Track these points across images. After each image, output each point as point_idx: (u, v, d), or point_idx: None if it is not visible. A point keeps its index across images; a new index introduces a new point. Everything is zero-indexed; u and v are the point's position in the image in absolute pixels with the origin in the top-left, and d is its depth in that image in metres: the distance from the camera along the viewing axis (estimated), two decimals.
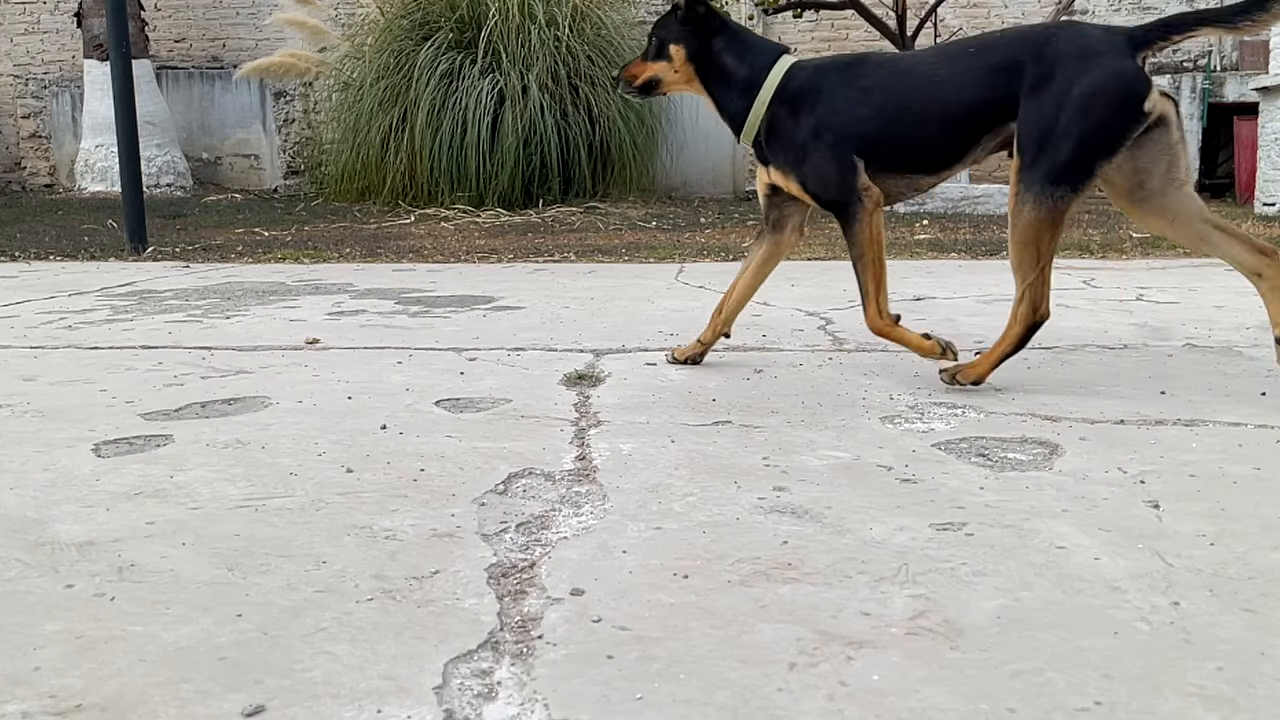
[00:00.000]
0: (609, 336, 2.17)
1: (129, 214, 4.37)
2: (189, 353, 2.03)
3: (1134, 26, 1.55)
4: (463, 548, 0.98)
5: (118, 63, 4.14)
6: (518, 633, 0.80)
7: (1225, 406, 1.50)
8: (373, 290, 3.05)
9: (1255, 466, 1.21)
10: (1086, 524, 1.02)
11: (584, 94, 7.30)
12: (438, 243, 4.81)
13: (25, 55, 9.50)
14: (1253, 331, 2.13)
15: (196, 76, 9.23)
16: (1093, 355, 1.91)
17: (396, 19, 7.55)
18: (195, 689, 0.72)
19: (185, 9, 9.38)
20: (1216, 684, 0.71)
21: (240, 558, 0.96)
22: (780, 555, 0.95)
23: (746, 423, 1.44)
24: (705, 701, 0.70)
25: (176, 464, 1.26)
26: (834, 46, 8.87)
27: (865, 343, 2.05)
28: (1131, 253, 4.00)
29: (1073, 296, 2.71)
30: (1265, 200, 6.08)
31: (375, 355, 1.99)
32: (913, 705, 0.69)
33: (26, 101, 9.39)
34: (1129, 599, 0.85)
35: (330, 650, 0.77)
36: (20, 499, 1.14)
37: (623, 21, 7.87)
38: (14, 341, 2.17)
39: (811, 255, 4.04)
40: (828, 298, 2.73)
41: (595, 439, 1.36)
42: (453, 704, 0.70)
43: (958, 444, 1.32)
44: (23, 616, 0.84)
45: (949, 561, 0.93)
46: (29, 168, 9.48)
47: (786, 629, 0.80)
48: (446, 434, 1.39)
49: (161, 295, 2.94)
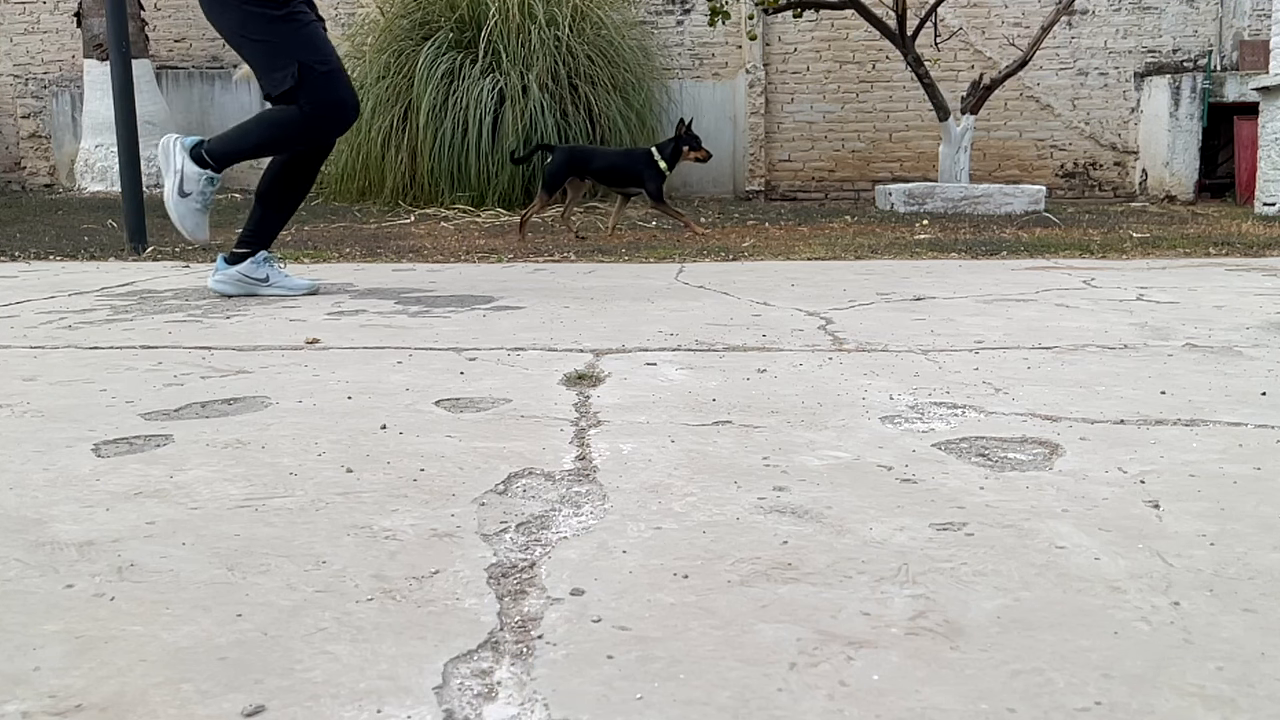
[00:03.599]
0: (609, 336, 2.17)
1: (129, 214, 4.38)
2: (189, 352, 2.03)
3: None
4: (463, 548, 0.98)
5: (118, 63, 4.14)
6: (518, 633, 0.80)
7: (1225, 406, 1.50)
8: (373, 290, 3.05)
9: (1255, 466, 1.21)
10: (1086, 524, 1.02)
11: (584, 94, 7.31)
12: (438, 243, 4.81)
13: (25, 55, 9.50)
14: (1253, 331, 2.13)
15: (196, 76, 9.23)
16: (1093, 355, 1.91)
17: (396, 19, 7.56)
18: (195, 689, 0.72)
19: (185, 9, 9.37)
20: (1216, 684, 0.71)
21: (240, 558, 0.96)
22: (780, 555, 0.95)
23: (746, 423, 1.44)
24: (705, 701, 0.70)
25: (176, 464, 1.26)
26: (834, 46, 8.87)
27: (865, 343, 2.05)
28: (1131, 253, 4.00)
29: (1073, 297, 2.71)
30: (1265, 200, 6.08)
31: (375, 355, 1.99)
32: (913, 705, 0.69)
33: (26, 101, 9.39)
34: (1129, 599, 0.85)
35: (330, 650, 0.77)
36: (20, 499, 1.14)
37: (623, 21, 7.88)
38: (14, 341, 2.17)
39: (811, 255, 4.04)
40: (828, 298, 2.73)
41: (595, 439, 1.36)
42: (453, 704, 0.70)
43: (958, 444, 1.32)
44: (23, 616, 0.84)
45: (949, 561, 0.93)
46: (29, 168, 9.48)
47: (786, 629, 0.80)
48: (446, 434, 1.39)
49: (161, 295, 2.94)
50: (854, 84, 8.93)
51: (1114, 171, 8.90)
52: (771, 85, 8.91)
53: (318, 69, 2.75)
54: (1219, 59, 8.64)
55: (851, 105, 8.93)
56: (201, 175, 2.79)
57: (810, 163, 9.02)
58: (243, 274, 2.90)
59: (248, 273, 2.90)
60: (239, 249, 2.93)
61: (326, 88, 2.76)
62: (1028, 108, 8.77)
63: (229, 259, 2.92)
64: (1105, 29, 8.68)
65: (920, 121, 8.67)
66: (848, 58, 8.89)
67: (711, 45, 8.95)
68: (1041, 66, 8.49)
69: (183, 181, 2.79)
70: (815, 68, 8.94)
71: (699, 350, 2.00)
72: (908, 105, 8.78)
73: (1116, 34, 8.74)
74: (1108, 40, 8.70)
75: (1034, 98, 8.74)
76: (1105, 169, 8.89)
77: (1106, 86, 8.77)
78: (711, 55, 8.99)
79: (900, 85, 8.70)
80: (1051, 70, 8.70)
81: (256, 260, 2.91)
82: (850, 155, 8.89)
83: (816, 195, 8.98)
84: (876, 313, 2.47)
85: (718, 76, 8.97)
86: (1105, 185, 8.89)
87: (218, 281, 2.90)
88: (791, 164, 9.02)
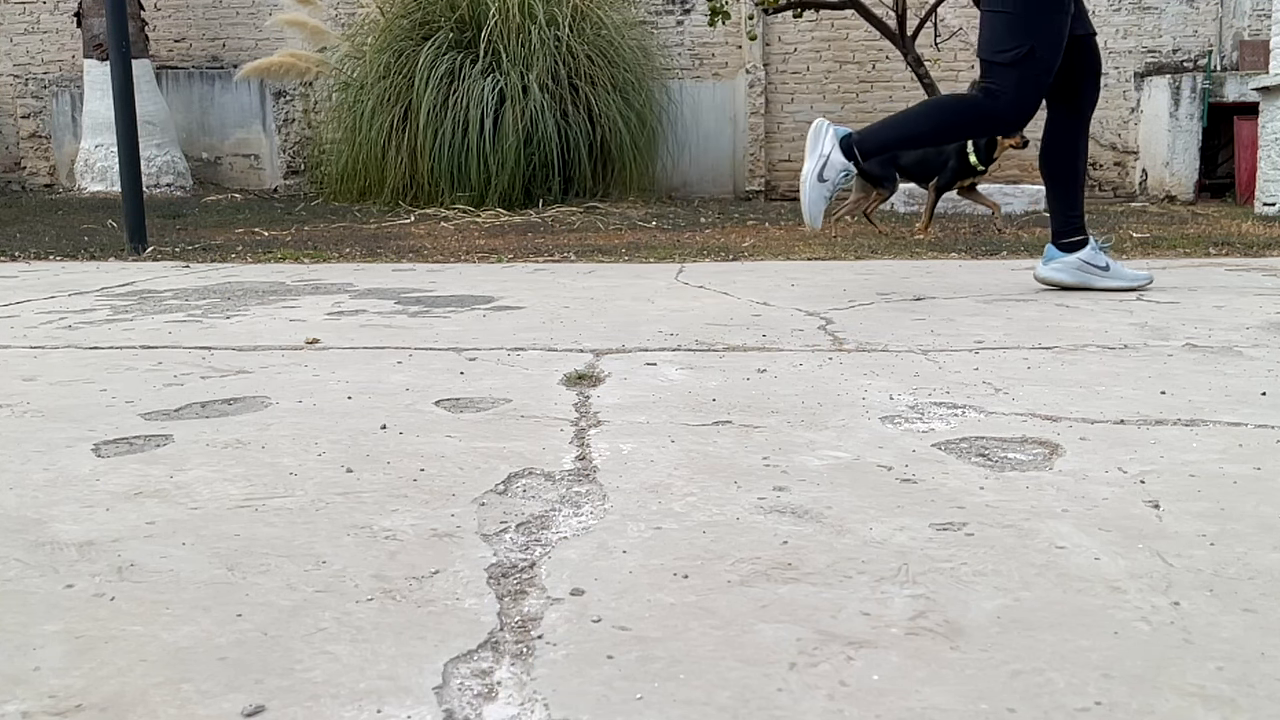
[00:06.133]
0: (609, 336, 2.17)
1: (129, 214, 4.37)
2: (189, 353, 2.03)
3: None
4: (463, 548, 0.98)
5: (117, 63, 4.14)
6: (518, 633, 0.80)
7: (1225, 406, 1.50)
8: (373, 290, 3.05)
9: (1255, 466, 1.21)
10: (1086, 524, 1.02)
11: (584, 94, 7.31)
12: (438, 243, 4.81)
13: (25, 55, 9.50)
14: (1253, 331, 2.13)
15: (196, 76, 9.23)
16: (1093, 355, 1.91)
17: (396, 19, 7.56)
18: (195, 689, 0.72)
19: (185, 9, 9.38)
20: (1216, 684, 0.71)
21: (240, 558, 0.96)
22: (780, 555, 0.95)
23: (746, 423, 1.44)
24: (705, 702, 0.70)
25: (176, 464, 1.26)
26: (834, 46, 8.88)
27: (865, 343, 2.05)
28: (1132, 253, 4.00)
29: (1073, 297, 2.71)
30: (1265, 200, 6.08)
31: (375, 355, 1.99)
32: (913, 705, 0.69)
33: (26, 101, 9.39)
34: (1129, 599, 0.85)
35: (330, 650, 0.77)
36: (20, 499, 1.14)
37: (623, 21, 7.88)
38: (14, 341, 2.17)
39: (812, 255, 4.05)
40: (828, 298, 2.73)
41: (595, 439, 1.36)
42: (453, 704, 0.70)
43: (958, 444, 1.32)
44: (23, 616, 0.84)
45: (949, 561, 0.93)
46: (29, 168, 9.48)
47: (786, 629, 0.80)
48: (446, 434, 1.39)
49: (161, 295, 2.94)
50: (854, 84, 8.93)
51: (1114, 171, 8.90)
52: (771, 85, 8.91)
53: (1047, 62, 2.62)
54: (1219, 59, 8.64)
55: (852, 105, 8.93)
56: (845, 166, 2.73)
57: None
58: (1084, 260, 2.80)
59: (1088, 259, 2.80)
60: (1066, 239, 2.83)
61: (1038, 82, 2.64)
62: None
63: (1062, 247, 2.82)
64: (1105, 29, 8.68)
65: None
66: (848, 58, 8.89)
67: (711, 45, 8.95)
68: None
69: (825, 167, 2.72)
70: (815, 68, 8.94)
71: (699, 350, 2.00)
72: (908, 105, 8.75)
73: (1116, 34, 8.74)
74: (1108, 40, 8.70)
75: None
76: (1105, 169, 8.89)
77: (1106, 86, 8.75)
78: (711, 55, 9.00)
79: (900, 85, 8.70)
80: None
81: (1094, 246, 2.82)
82: None
83: None
84: (876, 313, 2.47)
85: (718, 76, 8.97)
86: (1105, 185, 8.89)
87: (1053, 270, 2.82)
88: (791, 164, 9.02)
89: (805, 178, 2.75)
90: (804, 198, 2.76)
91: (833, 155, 2.72)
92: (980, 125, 2.87)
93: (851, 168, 2.74)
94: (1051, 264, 2.84)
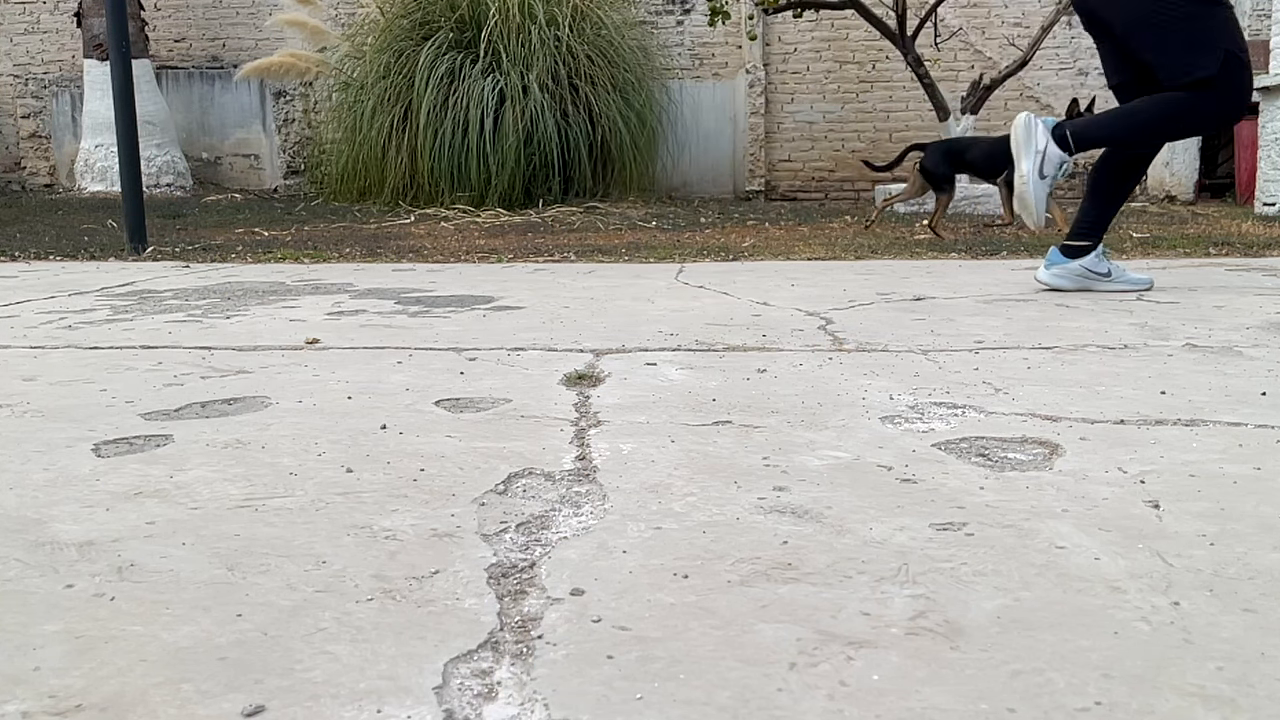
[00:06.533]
0: (609, 336, 2.17)
1: (129, 214, 4.37)
2: (189, 353, 2.03)
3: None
4: (463, 548, 0.98)
5: (117, 63, 4.14)
6: (518, 633, 0.80)
7: (1225, 406, 1.50)
8: (373, 290, 3.05)
9: (1255, 466, 1.21)
10: (1086, 524, 1.02)
11: (584, 94, 7.31)
12: (438, 243, 4.81)
13: (25, 55, 9.50)
14: (1253, 331, 2.13)
15: (196, 76, 9.23)
16: (1093, 355, 1.91)
17: (396, 19, 7.56)
18: (195, 689, 0.72)
19: (185, 9, 9.38)
20: (1216, 684, 0.71)
21: (240, 558, 0.96)
22: (780, 555, 0.95)
23: (746, 423, 1.44)
24: (705, 702, 0.70)
25: (176, 464, 1.26)
26: (834, 46, 8.88)
27: (865, 343, 2.05)
28: (1132, 253, 4.00)
29: (1073, 297, 2.71)
30: (1265, 200, 6.08)
31: (375, 355, 1.99)
32: (913, 705, 0.69)
33: (26, 101, 9.39)
34: (1129, 599, 0.85)
35: (330, 650, 0.77)
36: (20, 499, 1.14)
37: (623, 21, 7.88)
38: (14, 341, 2.17)
39: (812, 255, 4.05)
40: (828, 298, 2.73)
41: (595, 439, 1.36)
42: (453, 704, 0.70)
43: (958, 444, 1.32)
44: (23, 616, 0.84)
45: (949, 561, 0.93)
46: (29, 168, 9.48)
47: (786, 629, 0.80)
48: (446, 434, 1.39)
49: (161, 295, 2.94)
50: (854, 84, 8.93)
51: None
52: (771, 85, 8.91)
53: (1241, 58, 2.59)
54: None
55: (851, 105, 8.94)
56: (1062, 159, 2.69)
57: (810, 163, 9.03)
58: (1086, 268, 2.80)
59: (1091, 266, 2.80)
60: (1075, 242, 2.83)
61: (1242, 79, 2.60)
62: (1028, 108, 8.75)
63: (1065, 251, 2.82)
64: None
65: (920, 122, 8.66)
66: (848, 58, 8.89)
67: (711, 45, 8.96)
68: (1041, 66, 8.49)
69: (1044, 163, 2.68)
70: (815, 68, 8.94)
71: (699, 350, 2.00)
72: (908, 105, 8.78)
73: None
74: None
75: (1034, 98, 8.74)
76: None
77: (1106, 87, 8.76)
78: (711, 55, 9.00)
79: (900, 85, 8.70)
80: (1051, 70, 8.70)
81: (1098, 254, 2.82)
82: (850, 155, 8.89)
83: (816, 195, 8.99)
84: (876, 313, 2.47)
85: (718, 76, 8.98)
86: None
87: (1053, 275, 2.82)
88: (791, 164, 9.03)
89: (1026, 177, 2.69)
90: (1030, 197, 2.70)
91: (1050, 150, 2.68)
92: (1200, 125, 2.79)
93: (1069, 160, 2.70)
94: (1053, 269, 2.84)
